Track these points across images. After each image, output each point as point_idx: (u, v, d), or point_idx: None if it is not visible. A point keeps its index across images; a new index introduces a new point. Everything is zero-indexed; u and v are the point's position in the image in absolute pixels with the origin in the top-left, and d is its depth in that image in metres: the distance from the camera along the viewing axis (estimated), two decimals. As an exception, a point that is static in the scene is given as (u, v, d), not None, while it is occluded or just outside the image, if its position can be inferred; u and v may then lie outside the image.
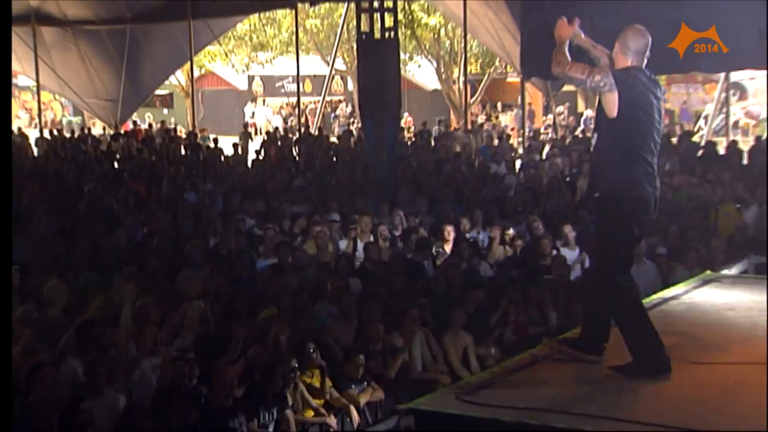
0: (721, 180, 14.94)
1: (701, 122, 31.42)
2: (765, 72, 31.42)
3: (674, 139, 21.67)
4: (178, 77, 35.39)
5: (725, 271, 9.72)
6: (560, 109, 36.00)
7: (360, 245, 12.16)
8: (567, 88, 32.75)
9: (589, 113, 33.90)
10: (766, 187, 13.32)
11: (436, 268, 11.50)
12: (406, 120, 35.93)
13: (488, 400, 5.62)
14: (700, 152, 19.17)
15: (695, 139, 23.42)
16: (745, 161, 18.05)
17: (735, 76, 27.42)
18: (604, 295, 6.29)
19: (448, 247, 12.07)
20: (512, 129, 33.44)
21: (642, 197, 6.10)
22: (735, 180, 14.83)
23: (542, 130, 30.55)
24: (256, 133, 39.73)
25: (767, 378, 5.74)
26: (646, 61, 6.14)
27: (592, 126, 6.91)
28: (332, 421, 8.00)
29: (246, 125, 31.78)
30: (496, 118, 38.74)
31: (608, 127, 6.11)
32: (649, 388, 5.85)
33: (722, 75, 25.49)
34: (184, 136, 27.36)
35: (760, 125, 34.39)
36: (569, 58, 6.15)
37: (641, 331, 6.12)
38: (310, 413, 8.06)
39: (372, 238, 12.31)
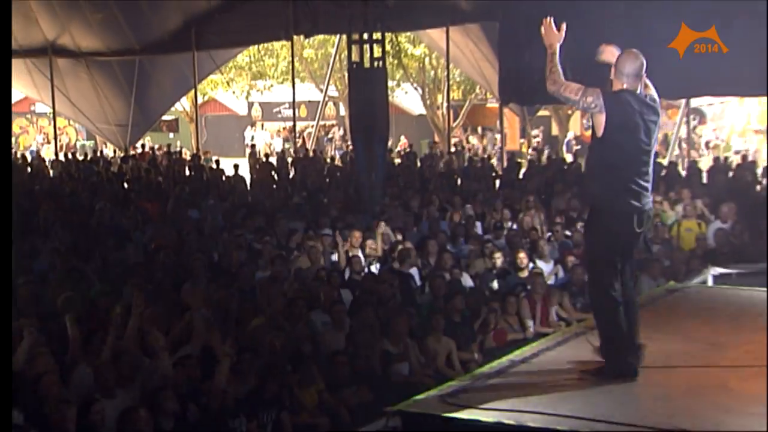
0: (683, 197, 14.96)
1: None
2: (720, 99, 31.71)
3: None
4: (183, 104, 35.29)
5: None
6: (535, 132, 36.08)
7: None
8: (542, 113, 32.88)
9: (571, 135, 34.05)
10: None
11: (421, 278, 11.48)
12: (403, 142, 36.02)
13: (470, 402, 5.59)
14: (664, 172, 19.22)
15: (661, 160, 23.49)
16: (704, 180, 18.13)
17: (694, 102, 27.54)
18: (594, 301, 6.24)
19: (432, 260, 12.04)
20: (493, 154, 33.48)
21: (623, 211, 6.05)
22: (695, 197, 14.85)
23: (530, 152, 30.43)
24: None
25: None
26: (643, 81, 6.10)
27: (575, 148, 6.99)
28: (325, 421, 7.95)
29: (253, 147, 31.66)
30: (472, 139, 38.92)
31: (596, 145, 6.14)
32: (620, 390, 5.83)
33: (683, 101, 25.56)
34: (188, 158, 27.29)
35: (718, 147, 34.57)
36: (563, 77, 6.10)
37: (616, 336, 6.11)
38: (305, 414, 8.01)
39: (361, 252, 12.28)
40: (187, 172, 22.69)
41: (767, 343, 6.31)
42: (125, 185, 20.00)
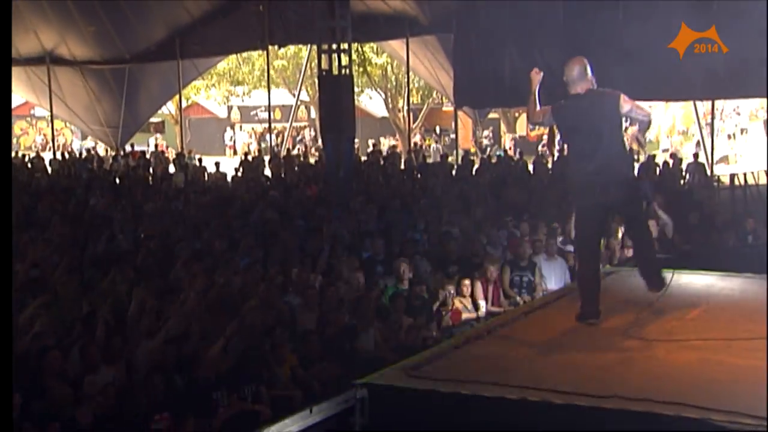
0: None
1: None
2: (649, 103, 31.93)
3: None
4: (169, 107, 35.08)
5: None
6: (486, 132, 36.18)
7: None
8: (492, 115, 33.00)
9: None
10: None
11: (384, 265, 11.43)
12: (381, 143, 35.93)
13: (430, 374, 5.58)
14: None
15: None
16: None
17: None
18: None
19: (396, 248, 12.01)
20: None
21: (579, 180, 6.69)
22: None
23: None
24: (234, 154, 39.48)
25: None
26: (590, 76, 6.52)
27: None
28: (298, 393, 7.91)
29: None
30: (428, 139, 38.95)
31: (563, 143, 6.91)
32: (563, 361, 5.87)
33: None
34: (174, 156, 27.09)
35: (649, 146, 34.87)
36: (535, 107, 6.62)
37: (590, 289, 6.76)
38: (281, 387, 7.97)
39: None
40: (172, 169, 22.52)
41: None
42: (117, 181, 19.81)
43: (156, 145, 34.45)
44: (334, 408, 5.27)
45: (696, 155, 22.01)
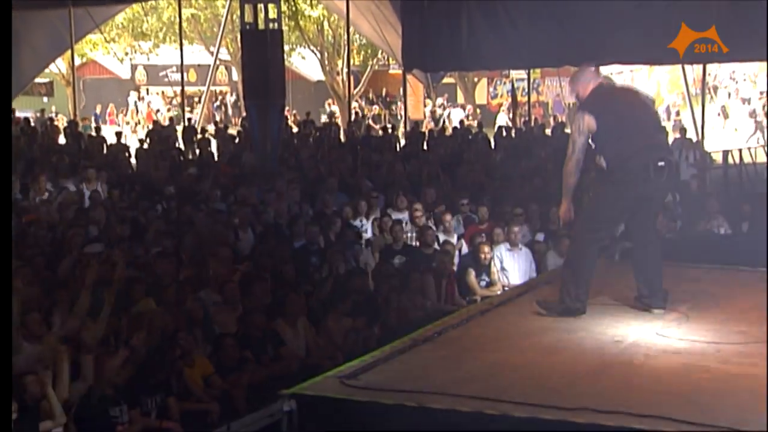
0: (589, 169, 15.21)
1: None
2: (630, 67, 32.42)
3: (548, 131, 22.11)
4: (59, 65, 34.48)
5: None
6: (440, 100, 36.30)
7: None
8: (447, 80, 33.13)
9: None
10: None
11: (320, 255, 11.45)
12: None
13: (370, 383, 5.62)
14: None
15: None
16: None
17: (605, 70, 28.02)
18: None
19: (333, 236, 12.04)
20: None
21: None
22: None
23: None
24: (139, 123, 39.08)
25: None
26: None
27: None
28: (215, 406, 7.89)
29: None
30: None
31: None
32: (525, 370, 5.94)
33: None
34: (64, 124, 26.69)
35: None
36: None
37: (576, 280, 7.02)
38: (194, 399, 7.94)
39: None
40: (63, 141, 22.21)
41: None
42: None
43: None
44: (257, 423, 5.29)
45: (684, 130, 22.38)
